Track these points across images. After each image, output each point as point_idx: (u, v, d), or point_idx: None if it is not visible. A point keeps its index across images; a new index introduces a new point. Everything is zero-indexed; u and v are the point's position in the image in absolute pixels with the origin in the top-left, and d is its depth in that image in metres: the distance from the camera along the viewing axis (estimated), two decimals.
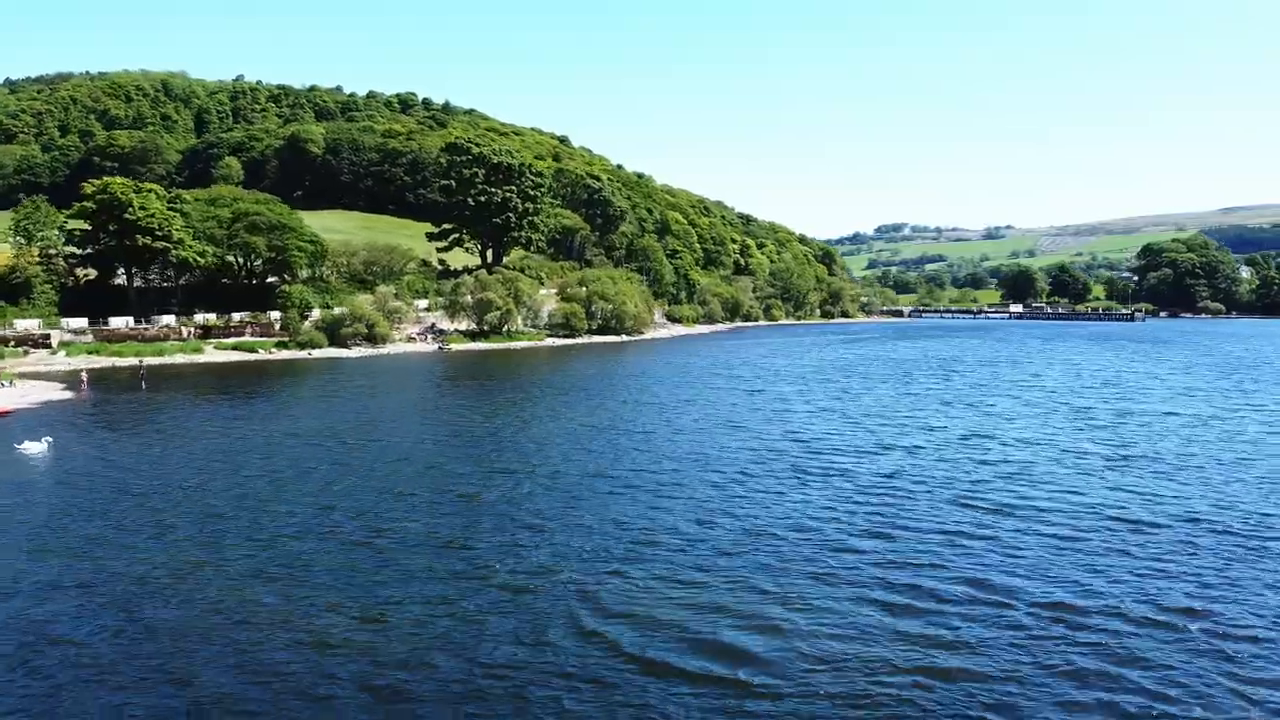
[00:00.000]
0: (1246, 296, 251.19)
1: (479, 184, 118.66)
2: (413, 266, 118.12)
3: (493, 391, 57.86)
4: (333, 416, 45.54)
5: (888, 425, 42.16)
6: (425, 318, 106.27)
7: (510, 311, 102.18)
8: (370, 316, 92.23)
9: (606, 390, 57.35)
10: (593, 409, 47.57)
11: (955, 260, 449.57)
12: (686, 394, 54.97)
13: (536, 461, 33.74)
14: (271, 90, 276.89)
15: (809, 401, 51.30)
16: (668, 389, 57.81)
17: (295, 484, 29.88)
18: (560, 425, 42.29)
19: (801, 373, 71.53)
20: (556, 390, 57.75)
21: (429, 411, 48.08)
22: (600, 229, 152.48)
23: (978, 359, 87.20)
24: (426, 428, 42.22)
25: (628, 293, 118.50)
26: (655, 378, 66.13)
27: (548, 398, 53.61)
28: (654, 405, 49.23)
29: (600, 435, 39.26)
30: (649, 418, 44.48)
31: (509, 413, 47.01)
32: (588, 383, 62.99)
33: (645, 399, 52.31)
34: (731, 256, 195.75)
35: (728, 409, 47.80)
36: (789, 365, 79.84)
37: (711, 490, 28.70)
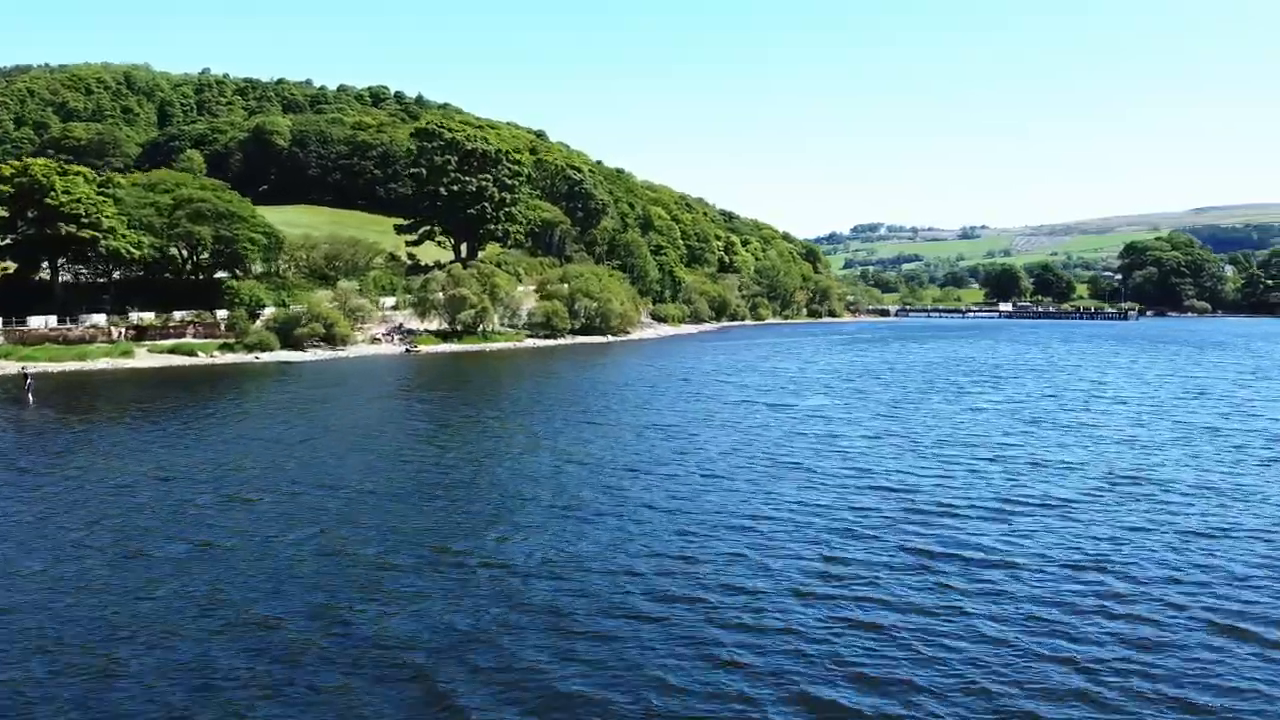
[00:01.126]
0: (1232, 295, 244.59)
1: (451, 172, 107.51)
2: (379, 261, 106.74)
3: (460, 405, 46.96)
4: (236, 446, 34.52)
5: (989, 460, 31.27)
6: (392, 317, 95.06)
7: (486, 310, 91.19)
8: (329, 315, 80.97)
9: (599, 405, 46.38)
10: (584, 435, 36.59)
11: (931, 260, 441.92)
12: (698, 410, 44.23)
13: (513, 546, 22.10)
14: (238, 84, 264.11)
15: (855, 421, 40.53)
16: (674, 403, 47.12)
17: (122, 571, 19.03)
18: (543, 463, 31.22)
19: (820, 380, 60.98)
20: (537, 404, 46.84)
21: (371, 437, 36.82)
22: (581, 223, 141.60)
23: (1012, 362, 76.57)
24: (360, 468, 31.24)
25: (614, 290, 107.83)
26: (654, 387, 55.44)
27: (526, 415, 42.69)
28: (664, 429, 38.28)
29: (599, 479, 28.43)
30: (661, 449, 33.61)
31: (476, 440, 36.05)
32: (575, 393, 52.25)
33: (650, 418, 41.40)
34: (716, 254, 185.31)
35: (758, 433, 37.03)
36: (800, 370, 69.45)
37: (800, 608, 17.24)
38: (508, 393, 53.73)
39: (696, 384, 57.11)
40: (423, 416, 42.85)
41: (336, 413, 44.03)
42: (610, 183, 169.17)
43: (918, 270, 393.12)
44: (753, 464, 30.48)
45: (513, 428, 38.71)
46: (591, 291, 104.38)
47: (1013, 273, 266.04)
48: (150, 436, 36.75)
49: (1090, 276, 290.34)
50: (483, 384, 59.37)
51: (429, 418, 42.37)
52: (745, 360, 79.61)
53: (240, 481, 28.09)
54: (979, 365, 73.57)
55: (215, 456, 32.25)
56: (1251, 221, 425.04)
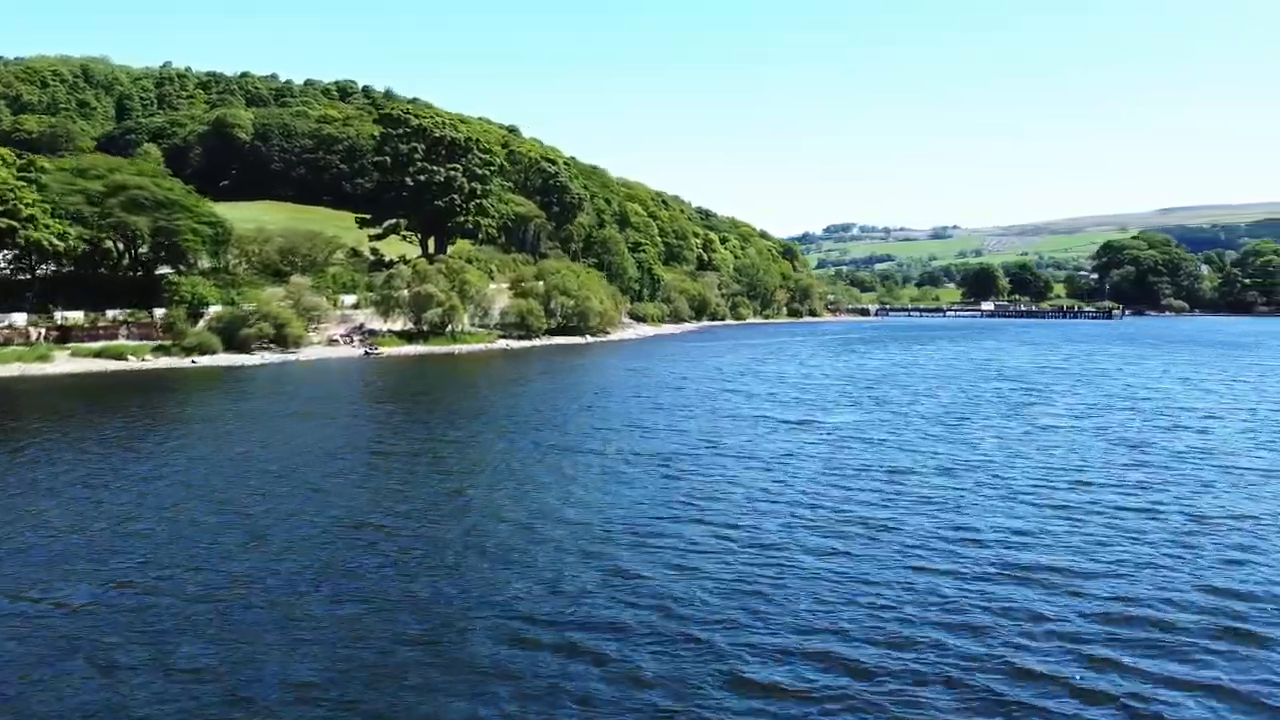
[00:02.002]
0: (1209, 294, 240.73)
1: (418, 161, 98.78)
2: (340, 257, 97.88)
3: (413, 424, 38.44)
4: (108, 483, 26.15)
5: (1129, 512, 22.76)
6: (353, 316, 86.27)
7: (455, 308, 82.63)
8: (279, 315, 72.16)
9: (580, 424, 37.78)
10: (563, 469, 28.12)
11: (904, 260, 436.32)
12: (703, 430, 35.81)
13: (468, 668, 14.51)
14: (200, 78, 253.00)
15: (908, 447, 32.02)
16: (671, 420, 38.77)
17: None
18: (510, 520, 22.84)
19: (833, 388, 53.01)
20: (506, 423, 38.24)
21: (294, 471, 28.30)
22: (556, 219, 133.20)
23: (1038, 367, 68.04)
24: (271, 520, 22.99)
25: (592, 288, 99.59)
26: (643, 398, 47.19)
27: (493, 439, 34.15)
28: (664, 460, 29.64)
29: (583, 549, 20.20)
30: (666, 495, 24.99)
31: (424, 477, 27.64)
32: (552, 407, 43.95)
33: (644, 443, 32.93)
34: (694, 252, 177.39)
35: (790, 467, 28.47)
36: (804, 376, 61.60)
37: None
38: (473, 406, 45.29)
39: (693, 394, 48.94)
40: (367, 441, 34.33)
41: (262, 433, 35.53)
42: (585, 178, 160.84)
43: (891, 270, 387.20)
44: (802, 518, 22.15)
45: (474, 458, 30.22)
46: (569, 289, 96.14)
47: (990, 272, 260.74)
48: (18, 469, 28.20)
49: (1066, 276, 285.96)
50: (446, 393, 50.94)
51: (374, 443, 33.91)
52: (739, 363, 71.74)
53: (96, 536, 19.78)
54: (1004, 370, 65.06)
55: (77, 496, 23.84)
56: (1218, 222, 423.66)
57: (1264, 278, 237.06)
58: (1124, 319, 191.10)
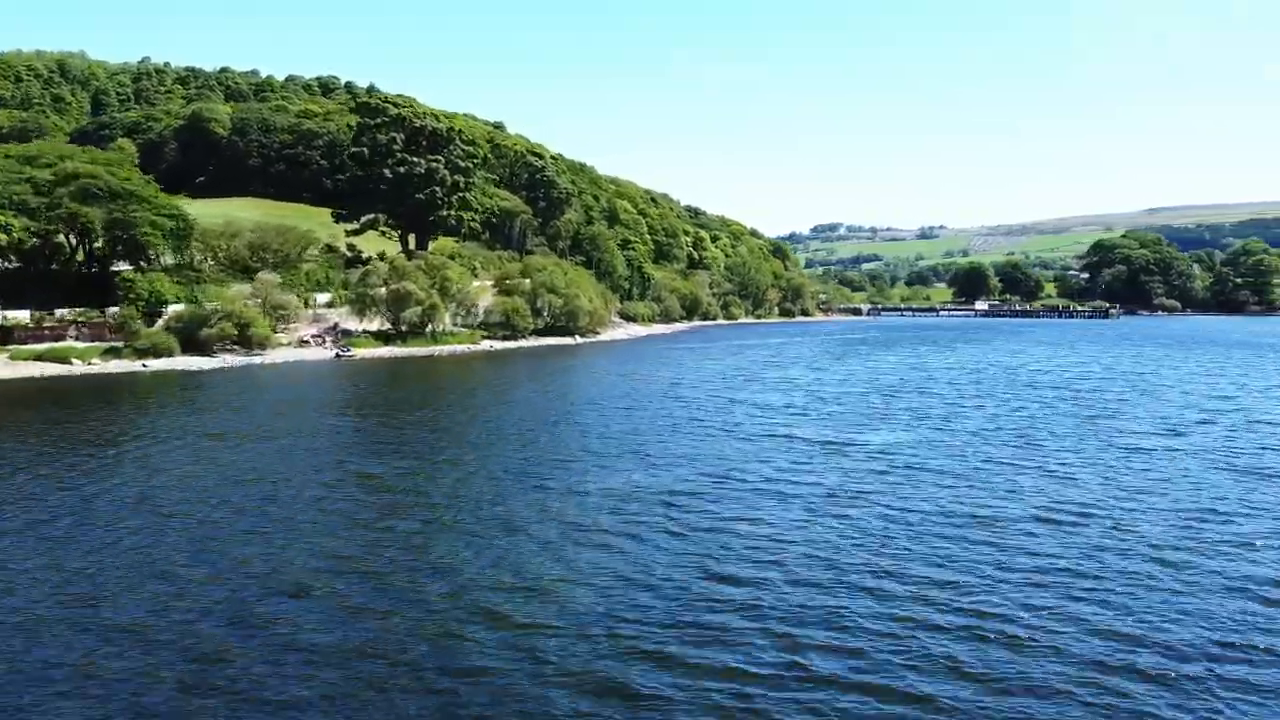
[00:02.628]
0: (1201, 294, 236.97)
1: (398, 152, 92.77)
2: (315, 253, 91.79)
3: (376, 445, 32.53)
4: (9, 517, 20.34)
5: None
6: (327, 316, 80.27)
7: (435, 307, 76.71)
8: (244, 314, 66.14)
9: (569, 448, 31.68)
10: (549, 514, 22.39)
11: (891, 259, 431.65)
12: (721, 453, 30.11)
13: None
14: (179, 73, 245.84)
15: (979, 478, 25.96)
16: (681, 440, 32.89)
17: None
18: (483, 599, 17.69)
19: (859, 399, 46.71)
20: (485, 444, 32.42)
21: (219, 516, 22.76)
22: (543, 215, 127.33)
23: (1080, 374, 61.20)
24: (188, 575, 17.29)
25: (582, 286, 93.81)
26: (644, 409, 41.34)
27: (468, 466, 28.51)
28: (672, 501, 23.82)
29: (588, 664, 15.08)
30: (690, 550, 19.47)
31: (380, 520, 22.15)
32: (538, 422, 38.08)
33: (648, 476, 27.01)
34: (684, 250, 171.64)
35: (847, 517, 21.99)
36: (817, 382, 56.00)
37: None
38: (449, 419, 39.34)
39: (701, 406, 43.07)
40: (319, 466, 28.37)
41: (188, 457, 29.72)
42: (573, 174, 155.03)
43: (878, 270, 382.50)
44: (883, 611, 16.01)
45: (445, 495, 24.35)
46: (557, 287, 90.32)
47: (981, 272, 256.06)
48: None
49: (1057, 275, 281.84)
50: (420, 402, 44.98)
51: (327, 469, 28.04)
52: (742, 367, 66.18)
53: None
54: (1039, 376, 58.27)
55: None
56: (1204, 222, 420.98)
57: (1255, 277, 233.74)
58: (1119, 319, 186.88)
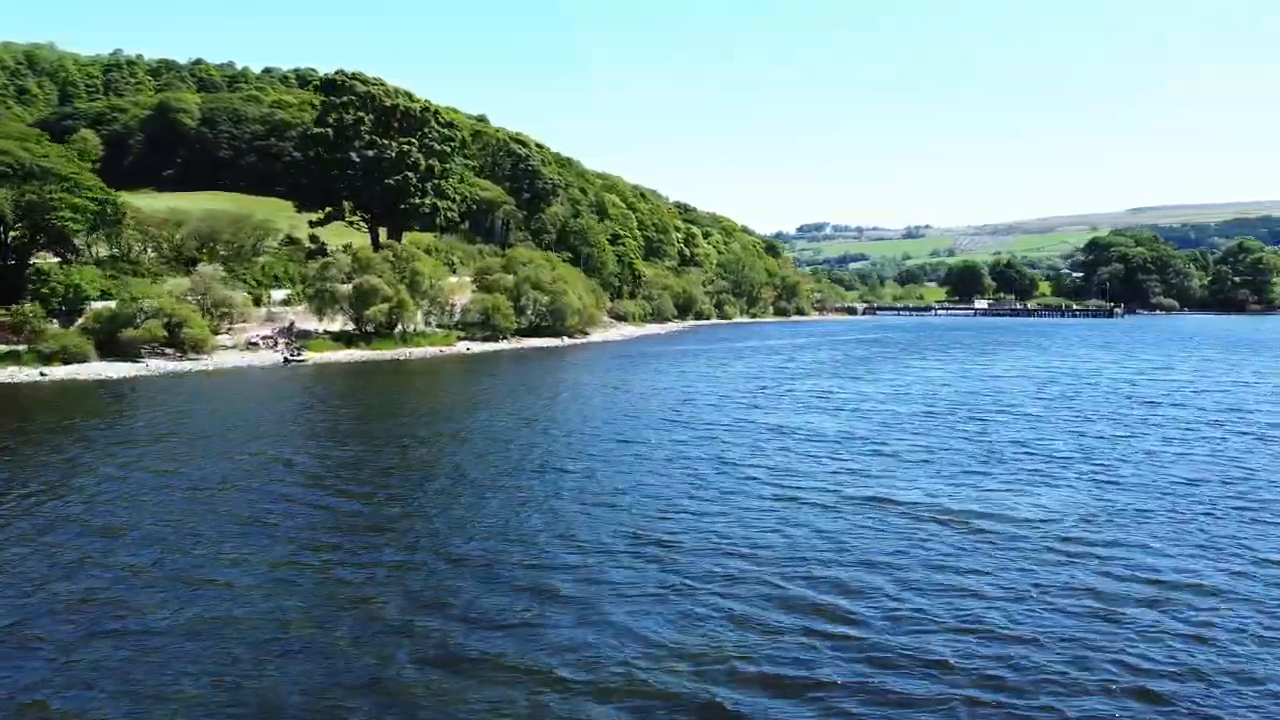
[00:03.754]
0: (1199, 292, 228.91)
1: (366, 134, 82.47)
2: (274, 245, 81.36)
3: (291, 505, 22.61)
4: None
5: None
6: (282, 314, 69.89)
7: (404, 304, 66.41)
8: (177, 313, 55.71)
9: (563, 527, 21.58)
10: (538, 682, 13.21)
11: (877, 259, 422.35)
12: (821, 544, 20.24)
13: None
14: (151, 65, 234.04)
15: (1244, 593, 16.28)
16: (732, 508, 22.92)
17: None
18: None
19: (934, 423, 36.39)
20: (443, 504, 22.50)
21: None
22: (527, 207, 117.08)
23: (1174, 385, 51.63)
24: None
25: (570, 281, 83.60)
26: (661, 445, 30.80)
27: (416, 547, 18.64)
28: (713, 627, 15.02)
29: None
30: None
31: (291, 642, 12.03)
32: (520, 460, 27.95)
33: (689, 562, 17.76)
34: (676, 247, 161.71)
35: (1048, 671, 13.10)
36: (858, 399, 45.94)
37: None
38: (401, 458, 28.78)
39: (719, 435, 32.67)
40: (171, 546, 18.40)
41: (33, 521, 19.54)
42: (559, 167, 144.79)
43: (866, 269, 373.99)
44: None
45: (385, 601, 14.53)
46: (542, 283, 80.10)
47: (975, 270, 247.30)
48: None
49: (1053, 274, 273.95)
50: (369, 429, 34.59)
51: (210, 559, 18.03)
52: (755, 374, 56.24)
53: None
54: (1134, 388, 47.40)
55: None
56: (1188, 222, 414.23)
57: (1254, 275, 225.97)
58: (1123, 318, 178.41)
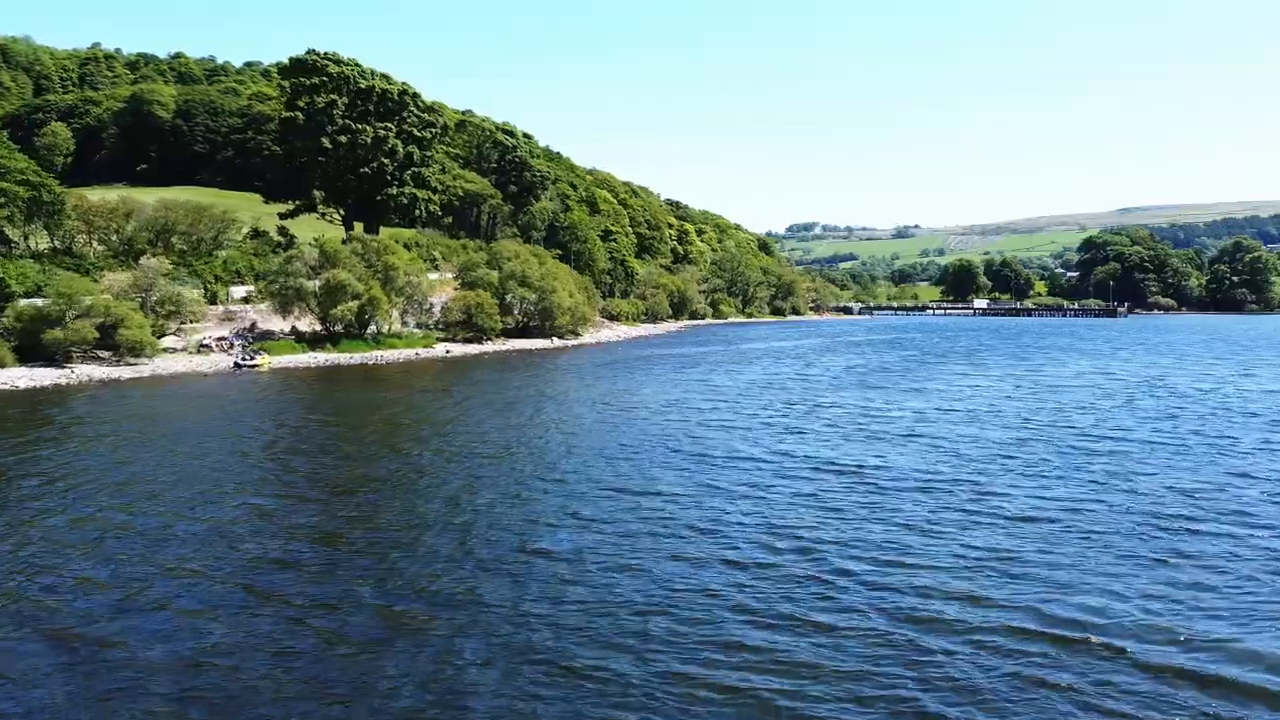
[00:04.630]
0: (1197, 292, 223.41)
1: (339, 118, 74.99)
2: (238, 237, 73.82)
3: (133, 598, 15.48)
4: None
5: None
6: (243, 313, 62.43)
7: (376, 302, 58.97)
8: (113, 310, 48.23)
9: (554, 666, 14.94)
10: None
11: (867, 259, 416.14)
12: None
13: None
14: (130, 58, 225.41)
15: None
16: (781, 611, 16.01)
17: None
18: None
19: (1031, 471, 29.30)
20: (401, 584, 15.55)
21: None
22: (514, 201, 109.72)
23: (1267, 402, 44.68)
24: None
25: (560, 278, 76.27)
26: (704, 481, 23.62)
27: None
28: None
29: None
30: None
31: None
32: (494, 539, 20.90)
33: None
34: (669, 244, 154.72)
35: None
36: (918, 421, 38.37)
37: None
38: (348, 504, 21.71)
39: (752, 473, 25.88)
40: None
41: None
42: (549, 160, 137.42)
43: (856, 269, 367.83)
44: None
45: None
46: (530, 279, 72.80)
47: (970, 270, 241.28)
48: None
49: (1046, 274, 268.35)
50: (312, 463, 26.82)
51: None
52: (770, 384, 49.11)
53: None
54: (1246, 403, 39.74)
55: None
56: (1176, 222, 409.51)
57: (1252, 275, 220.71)
58: (1127, 318, 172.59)
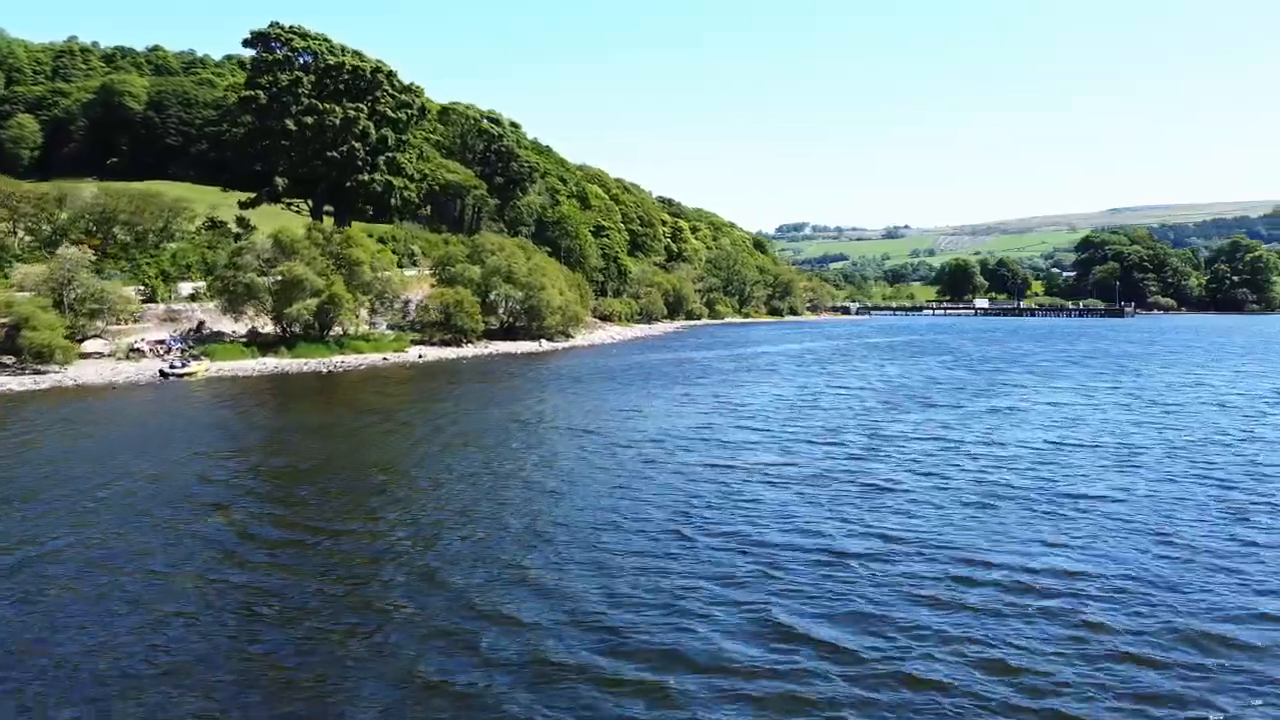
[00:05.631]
0: (1197, 292, 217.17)
1: (304, 97, 66.86)
2: (191, 228, 65.60)
3: None
4: None
5: None
6: (189, 312, 54.23)
7: (338, 300, 50.83)
8: (17, 310, 40.04)
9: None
10: None
11: (858, 259, 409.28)
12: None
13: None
14: (106, 51, 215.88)
15: None
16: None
17: None
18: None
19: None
20: None
21: None
22: (500, 193, 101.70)
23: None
24: None
25: (550, 274, 68.18)
26: (794, 623, 15.85)
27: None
28: None
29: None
30: None
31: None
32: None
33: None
34: (662, 241, 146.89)
35: None
36: (1038, 457, 31.18)
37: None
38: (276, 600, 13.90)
39: (881, 594, 17.98)
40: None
41: None
42: (537, 154, 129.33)
43: (847, 269, 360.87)
44: None
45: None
46: (515, 275, 64.72)
47: (966, 269, 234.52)
48: None
49: (1042, 273, 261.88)
50: (138, 534, 18.68)
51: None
52: (801, 400, 41.18)
53: None
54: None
55: None
56: (1166, 222, 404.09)
57: (1253, 274, 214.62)
58: (1134, 318, 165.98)
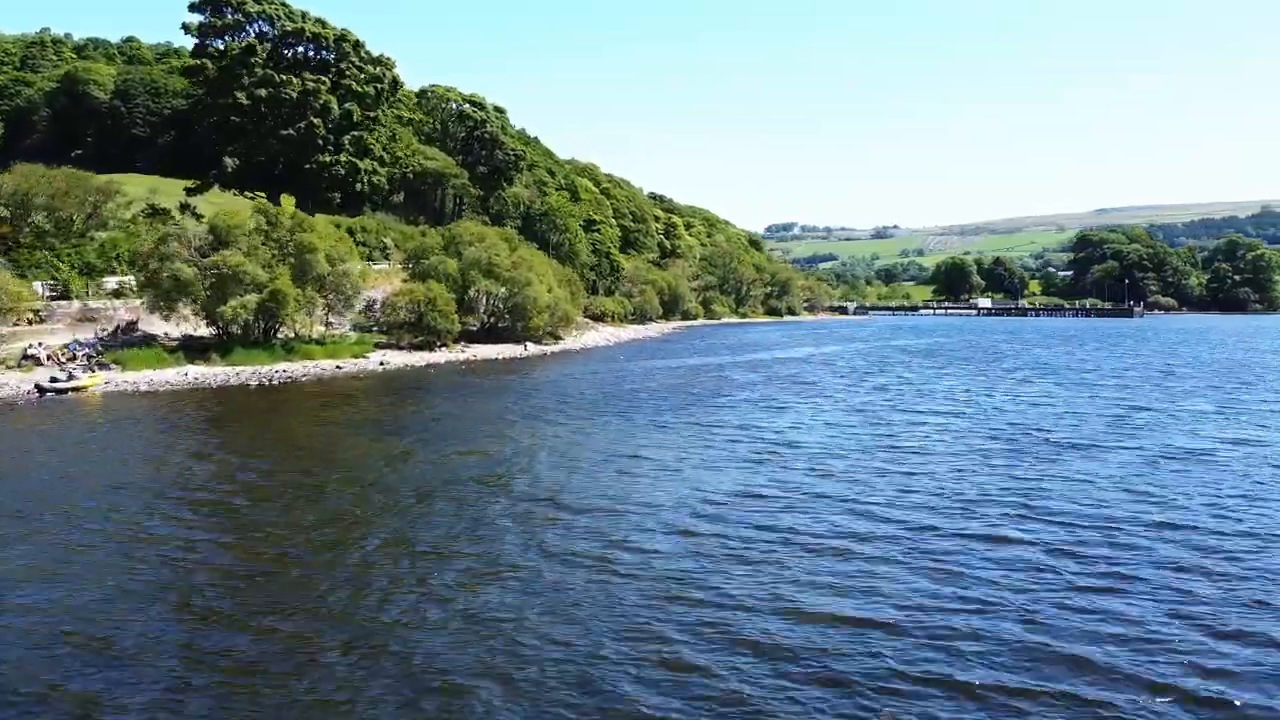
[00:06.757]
0: (1198, 291, 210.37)
1: (259, 68, 58.07)
2: (126, 215, 56.73)
3: None
4: None
5: None
6: (110, 310, 45.49)
7: (282, 296, 42.14)
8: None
9: None
10: None
11: (847, 259, 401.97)
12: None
13: None
14: (78, 43, 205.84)
15: None
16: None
17: None
18: None
19: None
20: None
21: None
22: (484, 183, 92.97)
23: None
24: None
25: (537, 268, 59.42)
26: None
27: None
28: None
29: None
30: None
31: None
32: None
33: None
34: (655, 238, 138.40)
35: None
36: None
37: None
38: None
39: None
40: None
41: None
42: (524, 145, 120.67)
43: (836, 269, 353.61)
44: None
45: None
46: (497, 269, 56.04)
47: (963, 269, 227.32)
48: None
49: (1038, 273, 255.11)
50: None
51: None
52: (880, 435, 32.93)
53: None
54: None
55: None
56: (1154, 222, 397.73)
57: (1254, 274, 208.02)
58: (1143, 318, 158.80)
